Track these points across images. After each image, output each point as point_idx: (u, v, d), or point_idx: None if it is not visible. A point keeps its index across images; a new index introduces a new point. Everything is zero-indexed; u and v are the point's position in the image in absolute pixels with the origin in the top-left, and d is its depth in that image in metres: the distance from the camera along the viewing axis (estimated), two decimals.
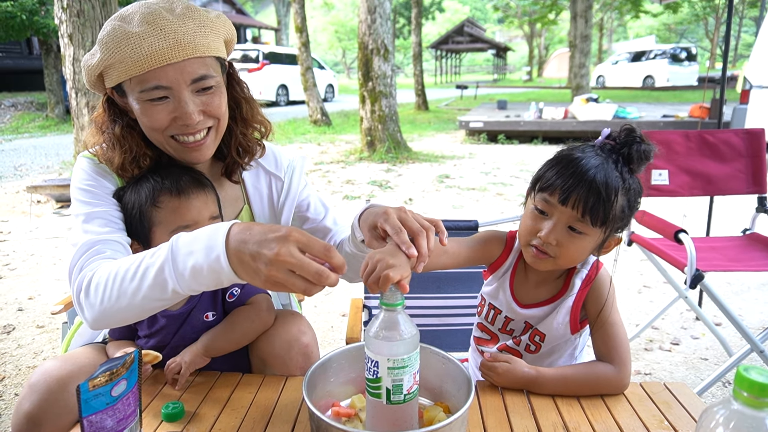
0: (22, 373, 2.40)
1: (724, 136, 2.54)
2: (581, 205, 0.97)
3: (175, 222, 1.08)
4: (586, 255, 1.07)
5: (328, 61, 45.98)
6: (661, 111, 10.85)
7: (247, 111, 1.22)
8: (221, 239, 0.79)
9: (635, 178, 1.02)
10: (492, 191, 6.10)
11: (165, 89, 1.02)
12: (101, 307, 0.91)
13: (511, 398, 1.01)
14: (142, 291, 0.86)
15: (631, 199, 1.02)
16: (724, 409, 0.63)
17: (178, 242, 0.84)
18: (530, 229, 1.05)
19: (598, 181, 0.97)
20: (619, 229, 1.05)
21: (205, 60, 1.05)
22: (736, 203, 4.09)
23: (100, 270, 0.93)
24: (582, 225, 1.00)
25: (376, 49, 7.90)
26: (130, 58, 0.98)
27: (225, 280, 0.80)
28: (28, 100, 13.78)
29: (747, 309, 3.04)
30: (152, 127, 1.06)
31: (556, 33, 45.65)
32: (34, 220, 5.02)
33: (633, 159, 1.00)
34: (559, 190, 0.99)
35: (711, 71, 15.80)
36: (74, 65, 5.19)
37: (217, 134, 1.14)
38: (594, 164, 0.98)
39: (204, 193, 1.12)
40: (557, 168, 1.02)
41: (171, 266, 0.83)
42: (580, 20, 13.51)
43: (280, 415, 0.96)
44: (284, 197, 1.30)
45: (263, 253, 0.75)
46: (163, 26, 0.98)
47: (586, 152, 1.02)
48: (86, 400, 0.75)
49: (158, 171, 1.13)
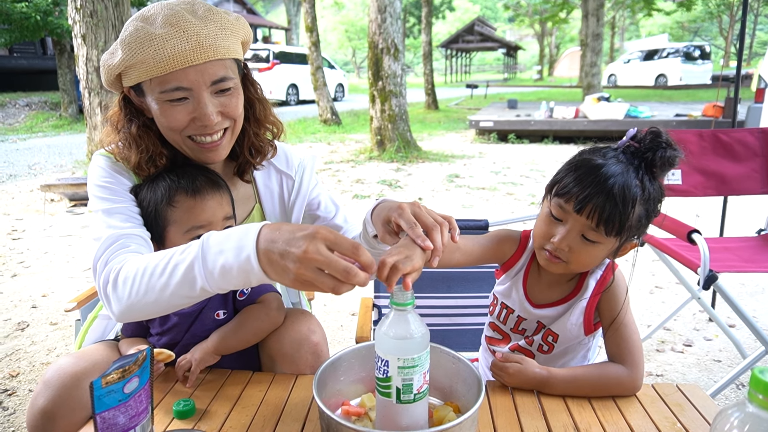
0: (36, 369, 2.43)
1: (738, 136, 2.50)
2: (596, 215, 0.96)
3: (189, 222, 1.09)
4: (599, 261, 1.07)
5: (338, 61, 46.06)
6: (674, 110, 10.74)
7: (260, 111, 1.23)
8: (252, 239, 0.79)
9: (656, 183, 0.99)
10: (502, 191, 6.07)
11: (185, 90, 1.03)
12: (128, 301, 0.92)
13: (521, 399, 1.00)
14: (171, 287, 0.87)
15: (650, 208, 0.99)
16: (738, 412, 0.62)
17: (209, 240, 0.84)
18: (544, 233, 1.04)
19: (616, 193, 0.94)
20: (635, 237, 1.03)
21: (225, 62, 1.06)
22: (750, 203, 4.04)
23: (128, 264, 0.94)
24: (596, 234, 0.98)
25: (386, 49, 7.90)
26: (153, 59, 0.99)
27: (254, 280, 0.80)
28: (42, 99, 13.94)
29: (761, 310, 3.00)
30: (170, 127, 1.07)
31: (567, 32, 45.33)
32: (48, 219, 5.08)
33: (656, 164, 0.97)
34: (574, 199, 0.98)
35: (725, 69, 15.57)
36: (87, 65, 5.24)
37: (233, 135, 1.15)
38: (613, 173, 0.95)
39: (219, 194, 1.13)
40: (576, 174, 1.00)
41: (201, 264, 0.84)
42: (592, 18, 13.41)
43: (290, 413, 0.96)
44: (295, 196, 1.30)
45: (291, 251, 0.75)
46: (186, 28, 0.99)
47: (608, 158, 0.99)
48: (99, 397, 0.75)
49: (174, 170, 1.14)
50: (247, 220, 1.29)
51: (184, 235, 1.09)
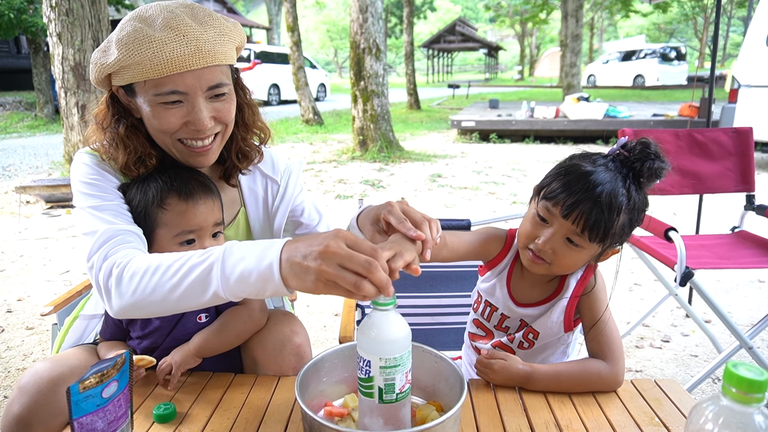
0: (12, 375, 2.38)
1: (713, 135, 2.56)
2: (582, 221, 0.98)
3: (180, 225, 1.08)
4: (581, 265, 1.09)
5: (320, 61, 45.88)
6: (652, 110, 10.92)
7: (249, 116, 1.23)
8: (277, 249, 0.80)
9: (642, 193, 1.02)
10: (484, 190, 6.11)
11: (181, 94, 1.02)
12: (132, 297, 0.90)
13: (503, 396, 1.01)
14: (181, 288, 0.86)
15: (634, 217, 1.02)
16: (713, 405, 0.63)
17: (233, 247, 0.85)
18: (529, 233, 1.06)
19: (603, 200, 0.96)
20: (617, 244, 1.05)
21: (222, 68, 1.06)
22: (725, 201, 4.13)
23: (138, 259, 0.92)
24: (580, 239, 1.01)
25: (368, 49, 7.90)
26: (150, 61, 0.98)
27: (270, 289, 0.80)
28: (16, 99, 13.63)
29: (736, 306, 3.07)
30: (162, 130, 1.06)
31: (548, 32, 45.84)
32: (23, 221, 4.97)
33: (644, 175, 0.99)
34: (562, 203, 1.00)
35: (700, 70, 15.89)
36: (63, 64, 5.14)
37: (222, 140, 1.15)
38: (602, 180, 0.97)
39: (211, 199, 1.12)
40: (565, 179, 1.01)
41: (220, 267, 0.83)
42: (571, 20, 13.58)
43: (272, 416, 0.96)
44: (279, 201, 1.30)
45: (313, 249, 0.76)
46: (186, 32, 0.99)
47: (597, 165, 1.01)
48: (76, 402, 0.74)
49: (166, 171, 1.12)
50: (233, 225, 1.28)
51: (173, 239, 1.08)
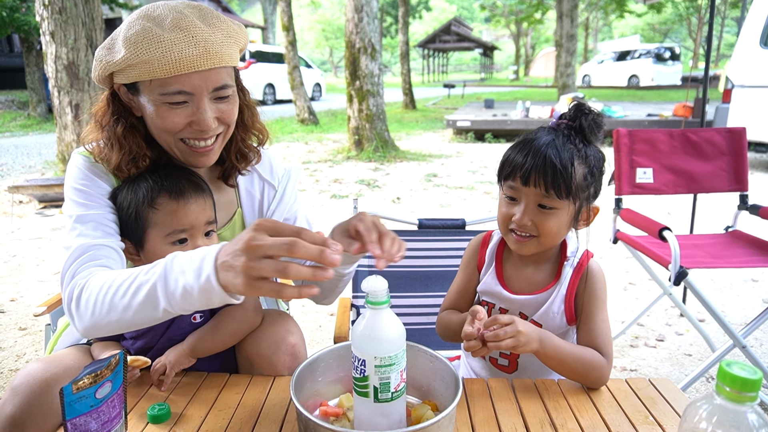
0: (4, 376, 2.36)
1: (707, 135, 2.57)
2: (541, 181, 1.02)
3: (171, 225, 1.07)
4: (565, 229, 1.10)
5: (315, 60, 45.81)
6: (646, 110, 10.98)
7: (249, 117, 1.24)
8: (211, 260, 0.79)
9: (593, 147, 1.08)
10: (479, 190, 6.12)
11: (187, 95, 1.03)
12: (92, 319, 0.92)
13: (498, 395, 1.01)
14: (133, 307, 0.86)
15: (592, 165, 1.06)
16: (707, 404, 0.64)
17: (173, 261, 0.84)
18: (504, 216, 1.10)
19: (551, 155, 1.02)
20: (591, 198, 1.09)
21: (227, 69, 1.08)
22: (718, 201, 4.16)
23: (92, 281, 0.93)
24: (549, 200, 1.04)
25: (364, 48, 7.89)
26: (158, 60, 0.98)
27: (216, 300, 0.80)
28: (9, 98, 13.54)
29: (730, 305, 3.09)
30: (165, 129, 1.07)
31: (543, 32, 45.94)
32: (16, 221, 4.94)
33: (585, 129, 1.05)
34: (519, 173, 1.05)
35: (694, 71, 15.94)
36: (56, 63, 5.10)
37: (223, 140, 1.16)
38: (545, 141, 1.04)
39: (203, 198, 1.11)
40: (514, 154, 1.08)
41: (163, 285, 0.83)
42: (566, 20, 13.61)
43: (267, 416, 0.95)
44: (275, 206, 1.31)
45: (236, 248, 0.76)
46: (195, 33, 1.00)
47: (538, 134, 1.08)
48: (70, 403, 0.74)
49: (157, 171, 1.12)
50: (228, 225, 1.28)
51: (165, 238, 1.07)
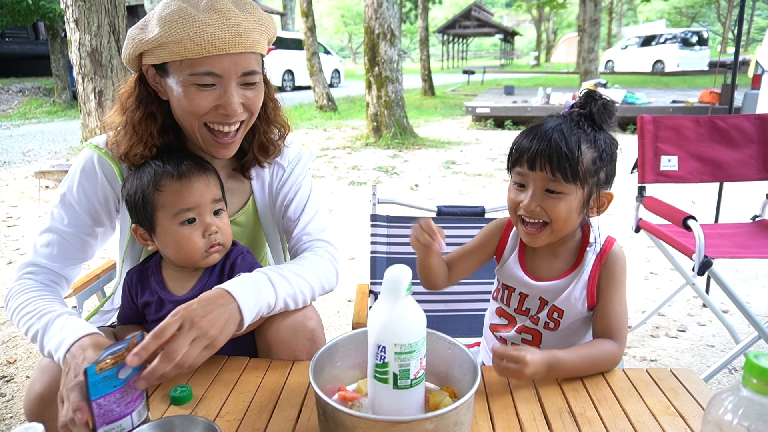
0: (33, 356, 2.43)
1: (735, 122, 2.50)
2: (548, 164, 1.01)
3: (177, 205, 1.09)
4: (576, 215, 1.07)
5: (334, 46, 45.67)
6: (671, 96, 10.71)
7: (272, 110, 1.26)
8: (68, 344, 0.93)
9: (604, 133, 1.06)
10: (498, 177, 6.07)
11: (215, 77, 1.05)
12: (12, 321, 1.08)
13: (516, 383, 1.01)
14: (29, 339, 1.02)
15: (602, 149, 1.04)
16: (732, 396, 0.62)
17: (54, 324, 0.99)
18: (513, 202, 1.09)
19: (557, 139, 1.01)
20: (603, 184, 1.07)
21: (256, 56, 1.10)
22: (746, 189, 4.05)
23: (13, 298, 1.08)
24: (556, 184, 1.03)
25: (383, 34, 7.83)
26: (191, 40, 1.00)
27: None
28: (35, 85, 13.80)
29: (755, 296, 3.02)
30: (191, 111, 1.08)
31: (565, 17, 45.05)
32: (43, 206, 5.05)
33: (595, 116, 1.04)
34: (525, 158, 1.04)
35: (722, 56, 15.45)
36: (80, 50, 5.17)
37: (245, 130, 1.17)
38: (552, 125, 1.04)
39: (206, 176, 1.13)
40: (521, 140, 1.08)
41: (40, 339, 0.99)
42: (589, 4, 13.30)
43: (287, 399, 0.97)
44: (281, 185, 1.32)
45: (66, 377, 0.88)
46: (229, 16, 1.02)
47: (546, 120, 1.07)
48: (94, 383, 0.75)
49: (160, 156, 1.14)
50: (243, 211, 1.30)
51: (173, 219, 1.09)
